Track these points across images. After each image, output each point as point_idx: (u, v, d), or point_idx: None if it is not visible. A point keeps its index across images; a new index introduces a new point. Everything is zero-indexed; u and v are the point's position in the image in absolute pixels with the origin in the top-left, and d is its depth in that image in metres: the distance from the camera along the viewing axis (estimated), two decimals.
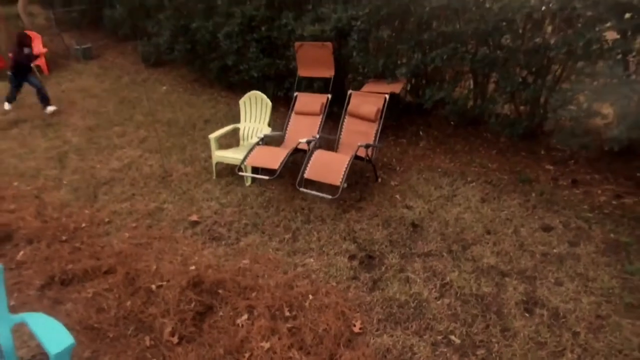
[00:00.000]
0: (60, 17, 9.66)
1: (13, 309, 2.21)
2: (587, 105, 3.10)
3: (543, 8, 3.09)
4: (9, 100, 5.88)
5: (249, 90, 4.49)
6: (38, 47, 7.81)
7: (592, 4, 2.88)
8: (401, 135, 4.72)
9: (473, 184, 3.75)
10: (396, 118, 4.70)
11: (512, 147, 4.25)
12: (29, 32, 8.00)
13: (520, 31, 3.47)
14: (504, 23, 3.35)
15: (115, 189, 3.94)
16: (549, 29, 3.34)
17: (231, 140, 4.61)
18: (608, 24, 3.00)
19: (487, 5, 3.56)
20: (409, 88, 4.87)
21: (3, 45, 8.04)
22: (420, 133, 4.76)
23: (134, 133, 5.20)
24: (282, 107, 5.38)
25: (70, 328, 2.11)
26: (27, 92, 6.74)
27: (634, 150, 3.62)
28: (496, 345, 2.23)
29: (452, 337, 2.29)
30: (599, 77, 3.02)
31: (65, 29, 9.47)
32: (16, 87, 5.84)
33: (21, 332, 2.25)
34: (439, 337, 2.29)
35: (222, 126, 4.75)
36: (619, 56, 3.01)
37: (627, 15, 2.91)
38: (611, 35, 3.04)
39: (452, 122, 4.66)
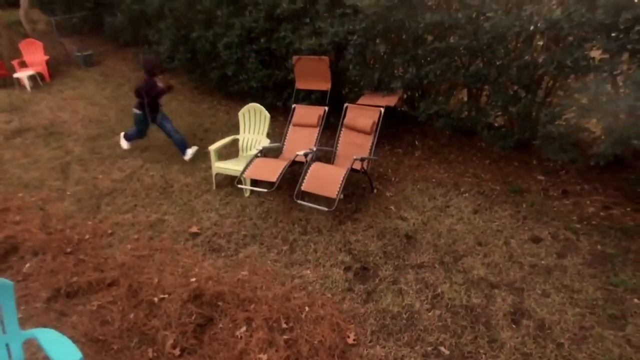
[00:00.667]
0: (61, 23, 9.76)
1: (21, 322, 2.30)
2: (575, 121, 3.20)
3: (532, 27, 3.19)
4: (128, 139, 4.90)
5: (249, 100, 4.60)
6: (39, 55, 7.93)
7: (578, 24, 2.98)
8: (397, 145, 4.83)
9: (466, 195, 3.85)
10: (392, 128, 4.80)
11: (505, 157, 4.35)
12: (30, 40, 8.15)
13: (511, 47, 3.57)
14: (495, 40, 3.45)
15: (118, 200, 4.04)
16: (539, 46, 3.44)
17: (231, 150, 4.71)
18: (594, 42, 3.10)
19: (480, 19, 3.67)
20: (405, 98, 4.97)
21: (4, 52, 8.14)
22: (416, 142, 4.87)
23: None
24: (280, 116, 5.50)
25: (76, 340, 2.23)
26: (32, 101, 6.84)
27: (623, 161, 3.72)
28: (483, 356, 2.33)
29: (442, 349, 2.39)
30: (587, 93, 3.12)
31: (66, 35, 9.56)
32: (141, 130, 4.80)
33: (29, 344, 2.34)
34: (429, 349, 2.40)
35: (222, 135, 4.87)
36: (605, 74, 3.11)
37: (613, 35, 3.01)
38: (597, 54, 3.14)
39: (447, 132, 4.76)
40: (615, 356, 2.27)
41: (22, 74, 7.39)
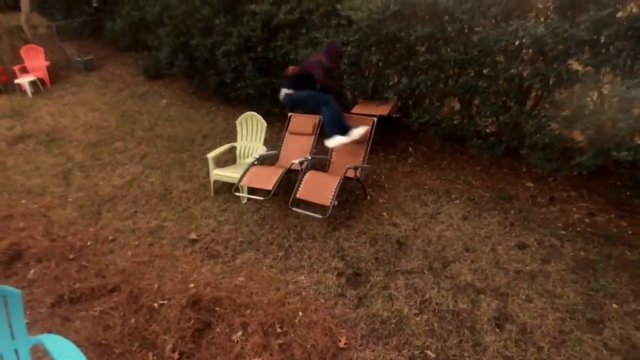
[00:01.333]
0: (61, 27, 9.85)
1: (27, 327, 2.42)
2: (559, 131, 3.32)
3: (517, 42, 3.32)
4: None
5: (247, 106, 4.72)
6: (40, 60, 8.03)
7: (562, 40, 3.10)
8: (391, 152, 4.94)
9: (456, 202, 3.97)
10: (387, 134, 4.92)
11: (496, 164, 4.47)
12: (32, 46, 8.25)
13: (499, 60, 3.69)
14: (483, 53, 3.57)
15: (118, 207, 4.16)
16: (525, 58, 3.56)
17: (228, 156, 4.83)
18: (578, 57, 3.22)
19: (470, 33, 3.79)
20: (399, 105, 5.09)
21: (6, 57, 8.24)
22: (410, 149, 4.98)
23: (135, 149, 5.41)
24: (277, 122, 5.60)
25: (79, 345, 2.33)
26: (33, 106, 6.95)
27: (608, 168, 3.85)
28: (467, 359, 2.45)
29: (428, 352, 2.51)
30: (569, 105, 3.24)
31: (66, 39, 9.66)
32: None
33: (36, 349, 2.46)
34: (416, 352, 2.52)
35: (221, 142, 4.99)
36: (590, 86, 3.23)
37: (595, 50, 3.13)
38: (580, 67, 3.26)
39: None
40: (592, 359, 2.39)
41: (23, 80, 7.49)
